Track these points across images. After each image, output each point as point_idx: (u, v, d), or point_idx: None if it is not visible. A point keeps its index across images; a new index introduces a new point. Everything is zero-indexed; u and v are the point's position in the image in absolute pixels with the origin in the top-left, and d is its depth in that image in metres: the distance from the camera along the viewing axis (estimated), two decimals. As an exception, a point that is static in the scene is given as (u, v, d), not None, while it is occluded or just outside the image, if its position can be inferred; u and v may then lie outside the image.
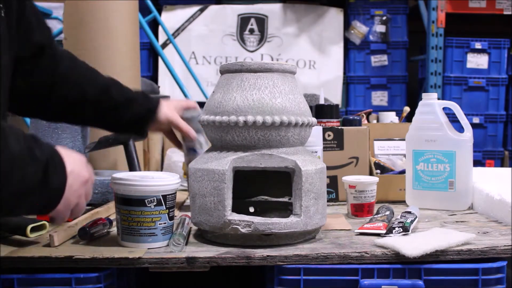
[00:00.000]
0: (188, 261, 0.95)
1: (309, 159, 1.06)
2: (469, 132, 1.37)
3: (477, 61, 3.69)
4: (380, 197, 1.40)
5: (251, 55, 3.92)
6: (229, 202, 1.01)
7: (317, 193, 1.04)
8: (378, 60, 3.90)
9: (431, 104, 1.38)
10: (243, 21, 3.92)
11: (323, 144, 1.41)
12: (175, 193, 1.03)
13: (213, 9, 3.91)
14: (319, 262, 0.96)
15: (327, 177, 1.16)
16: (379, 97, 3.90)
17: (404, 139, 1.44)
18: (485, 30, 3.81)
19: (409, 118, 1.66)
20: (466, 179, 1.35)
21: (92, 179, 0.93)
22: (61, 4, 1.75)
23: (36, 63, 1.07)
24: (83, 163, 0.90)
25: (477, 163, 3.52)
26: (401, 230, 1.06)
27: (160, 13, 3.74)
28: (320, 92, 1.77)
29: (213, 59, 3.92)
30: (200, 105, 1.58)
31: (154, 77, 3.83)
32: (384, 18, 3.86)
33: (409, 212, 1.16)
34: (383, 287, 0.95)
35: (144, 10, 2.74)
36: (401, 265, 0.97)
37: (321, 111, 1.55)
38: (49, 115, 1.16)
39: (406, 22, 3.88)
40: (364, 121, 1.84)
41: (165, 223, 1.00)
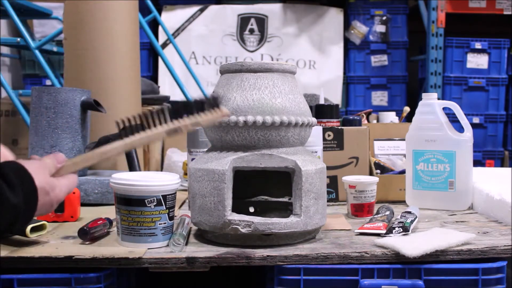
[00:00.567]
0: (188, 261, 0.95)
1: (309, 159, 1.06)
2: (469, 132, 1.37)
3: (477, 61, 3.69)
4: (380, 197, 1.41)
5: (251, 55, 3.92)
6: (229, 202, 1.01)
7: (317, 193, 1.04)
8: (378, 60, 3.90)
9: (431, 104, 1.38)
10: (243, 21, 3.92)
11: (323, 144, 1.41)
12: (175, 193, 1.03)
13: (213, 9, 3.91)
14: (319, 262, 0.96)
15: (327, 177, 1.16)
16: (379, 97, 3.90)
17: (404, 139, 1.44)
18: (485, 30, 3.81)
19: (409, 118, 1.66)
20: (466, 179, 1.35)
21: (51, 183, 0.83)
22: (61, 4, 1.75)
23: None
24: (42, 168, 0.82)
25: (477, 163, 3.52)
26: (401, 230, 1.06)
27: (160, 13, 3.74)
28: (320, 92, 1.77)
29: (213, 59, 3.92)
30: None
31: (154, 77, 3.83)
32: (384, 18, 3.86)
33: (409, 212, 1.16)
34: (383, 287, 0.95)
35: (144, 10, 2.74)
36: (401, 265, 0.97)
37: (321, 111, 1.55)
38: None
39: (406, 22, 3.88)
40: (364, 121, 1.84)
41: (165, 223, 1.00)
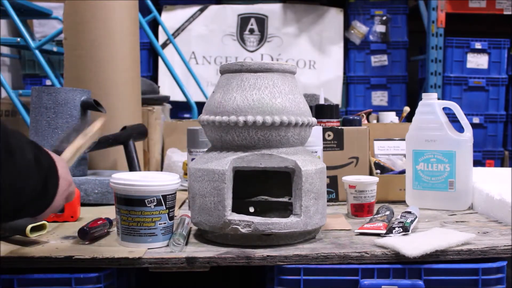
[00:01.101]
0: (188, 261, 0.95)
1: (309, 159, 1.06)
2: (469, 132, 1.37)
3: (477, 61, 3.69)
4: (380, 197, 1.41)
5: (251, 55, 3.92)
6: (229, 202, 1.01)
7: (317, 193, 1.04)
8: (378, 60, 3.90)
9: (431, 104, 1.38)
10: (243, 21, 3.92)
11: (323, 144, 1.41)
12: (175, 193, 1.03)
13: (213, 9, 3.91)
14: (319, 262, 0.96)
15: (327, 177, 1.16)
16: (379, 97, 3.90)
17: (404, 139, 1.44)
18: (485, 30, 3.81)
19: (409, 118, 1.66)
20: (466, 179, 1.35)
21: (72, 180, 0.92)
22: (61, 4, 1.75)
23: None
24: (66, 166, 0.90)
25: (477, 163, 3.52)
26: (401, 230, 1.06)
27: (160, 13, 3.75)
28: (320, 92, 1.77)
29: (213, 59, 3.92)
30: (200, 105, 1.58)
31: (154, 77, 3.83)
32: (384, 18, 3.86)
33: (409, 212, 1.16)
34: (383, 287, 0.95)
35: (144, 10, 2.74)
36: (401, 265, 0.97)
37: (321, 111, 1.55)
38: None
39: (406, 22, 3.88)
40: (364, 121, 1.84)
41: (165, 223, 1.00)
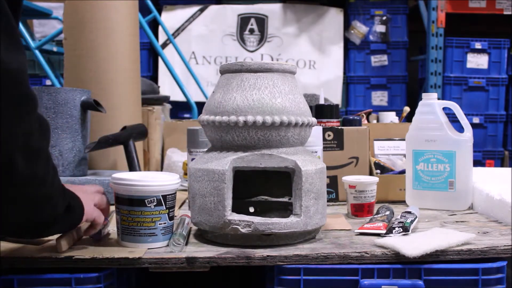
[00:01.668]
0: (188, 261, 0.95)
1: (309, 159, 1.06)
2: (469, 132, 1.37)
3: (477, 61, 3.69)
4: (380, 197, 1.41)
5: (251, 55, 3.92)
6: (229, 202, 1.01)
7: (317, 193, 1.04)
8: (378, 60, 3.90)
9: (431, 104, 1.38)
10: (243, 21, 3.92)
11: (323, 144, 1.41)
12: (175, 193, 1.03)
13: (213, 9, 3.91)
14: (319, 262, 0.96)
15: (327, 177, 1.16)
16: (379, 97, 3.90)
17: (404, 139, 1.44)
18: (485, 30, 3.81)
19: (409, 118, 1.66)
20: (466, 179, 1.35)
21: (98, 189, 1.04)
22: (61, 4, 1.75)
23: None
24: (85, 187, 1.02)
25: (477, 163, 3.52)
26: (401, 230, 1.06)
27: (160, 13, 3.75)
28: (320, 92, 1.77)
29: (213, 59, 3.92)
30: (200, 105, 1.58)
31: (154, 77, 3.83)
32: (384, 18, 3.86)
33: (409, 212, 1.16)
34: (383, 287, 0.95)
35: (144, 10, 2.74)
36: (401, 265, 0.97)
37: (321, 111, 1.55)
38: None
39: (406, 22, 3.89)
40: (364, 121, 1.84)
41: (165, 223, 1.00)
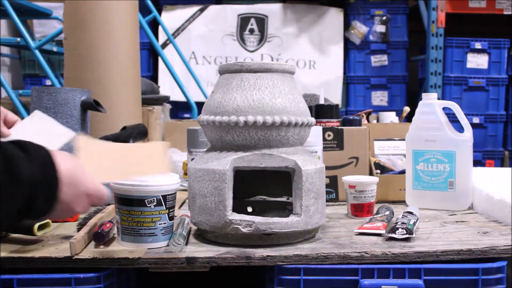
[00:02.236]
0: (188, 261, 0.95)
1: (308, 158, 1.06)
2: (469, 132, 1.37)
3: (477, 61, 3.69)
4: (380, 197, 1.41)
5: (251, 55, 3.92)
6: (229, 202, 1.01)
7: (317, 192, 1.04)
8: (378, 60, 3.90)
9: (431, 104, 1.38)
10: (243, 21, 3.92)
11: (323, 144, 1.41)
12: (175, 193, 1.03)
13: (213, 9, 3.91)
14: (319, 262, 0.96)
15: (327, 177, 1.16)
16: (379, 97, 3.90)
17: (404, 139, 1.44)
18: (485, 30, 3.81)
19: (409, 118, 1.66)
20: (466, 179, 1.35)
21: (96, 190, 0.79)
22: (61, 4, 1.75)
23: None
24: (80, 171, 0.76)
25: (477, 163, 3.52)
26: (405, 232, 1.05)
27: (160, 13, 3.75)
28: (320, 92, 1.77)
29: (213, 59, 3.92)
30: (200, 105, 1.58)
31: (154, 77, 3.83)
32: (384, 18, 3.86)
33: (411, 213, 1.16)
34: (383, 287, 0.95)
35: (144, 10, 2.74)
36: (401, 265, 0.97)
37: (321, 111, 1.55)
38: None
39: (406, 22, 3.89)
40: (364, 121, 1.84)
41: (165, 223, 1.00)
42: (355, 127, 1.53)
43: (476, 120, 3.69)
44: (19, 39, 2.74)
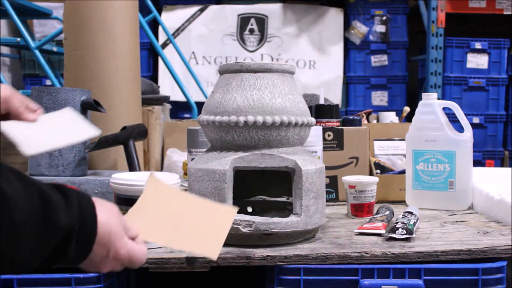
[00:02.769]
0: (188, 261, 0.95)
1: (308, 158, 1.06)
2: (469, 132, 1.37)
3: (477, 61, 3.69)
4: (380, 197, 1.41)
5: (251, 55, 3.92)
6: (230, 202, 1.01)
7: (317, 192, 1.04)
8: (378, 60, 3.90)
9: (431, 104, 1.38)
10: (243, 21, 3.92)
11: (323, 144, 1.41)
12: (175, 193, 1.03)
13: (213, 9, 3.91)
14: (319, 262, 0.96)
15: (327, 177, 1.16)
16: (379, 97, 3.90)
17: (404, 139, 1.44)
18: (485, 30, 3.81)
19: (409, 118, 1.66)
20: (466, 179, 1.35)
21: (134, 257, 0.71)
22: (61, 4, 1.75)
23: None
24: (118, 232, 0.69)
25: (477, 163, 3.52)
26: (405, 232, 1.05)
27: (160, 13, 3.75)
28: (320, 92, 1.77)
29: (213, 59, 3.92)
30: (200, 105, 1.57)
31: (154, 77, 3.83)
32: (384, 18, 3.86)
33: (411, 213, 1.16)
34: (383, 287, 0.95)
35: (144, 10, 2.74)
36: (401, 265, 0.97)
37: (321, 111, 1.55)
38: None
39: (406, 22, 3.89)
40: (364, 121, 1.84)
41: (165, 223, 1.00)
42: (355, 127, 1.53)
43: (476, 120, 3.69)
44: (19, 39, 2.74)
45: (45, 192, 0.62)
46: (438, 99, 1.42)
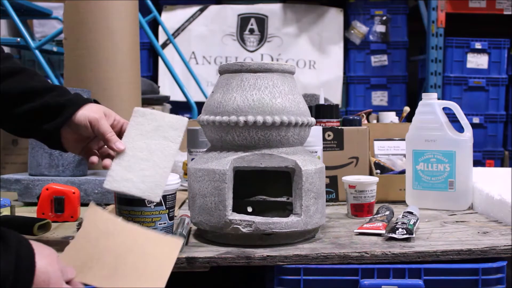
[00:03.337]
0: (188, 261, 0.95)
1: (308, 158, 1.06)
2: (469, 132, 1.37)
3: (477, 61, 3.69)
4: (380, 197, 1.41)
5: (251, 55, 3.92)
6: (230, 202, 1.01)
7: (317, 192, 1.04)
8: (378, 60, 3.90)
9: (431, 104, 1.38)
10: (243, 21, 3.92)
11: (323, 144, 1.41)
12: (175, 193, 1.03)
13: (213, 9, 3.91)
14: (319, 262, 0.96)
15: (327, 177, 1.16)
16: (379, 97, 3.90)
17: (404, 139, 1.44)
18: (485, 30, 3.81)
19: (409, 118, 1.66)
20: (466, 179, 1.35)
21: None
22: (61, 4, 1.75)
23: None
24: (55, 278, 0.69)
25: (477, 163, 3.52)
26: (405, 232, 1.05)
27: (160, 13, 3.75)
28: (320, 92, 1.77)
29: (213, 59, 3.92)
30: (200, 105, 1.58)
31: (154, 77, 3.83)
32: (384, 18, 3.86)
33: (411, 213, 1.16)
34: (383, 287, 0.95)
35: (144, 10, 2.74)
36: (401, 265, 0.97)
37: (321, 111, 1.55)
38: None
39: (406, 22, 3.89)
40: (364, 121, 1.84)
41: (165, 223, 1.00)
42: (355, 127, 1.53)
43: (476, 120, 3.69)
44: (19, 39, 2.74)
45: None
46: (438, 99, 1.42)
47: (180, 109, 3.63)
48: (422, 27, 3.71)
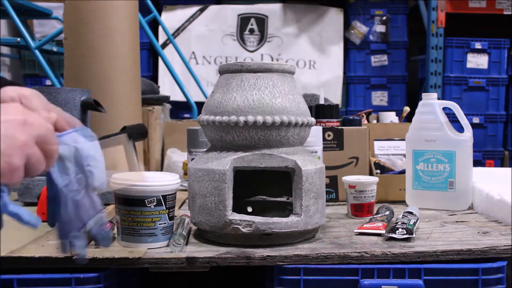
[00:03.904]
0: (188, 261, 0.95)
1: (308, 158, 1.06)
2: (469, 132, 1.37)
3: (477, 61, 3.69)
4: (380, 197, 1.41)
5: (251, 55, 3.92)
6: (230, 202, 1.01)
7: (317, 192, 1.04)
8: (378, 60, 3.90)
9: (431, 104, 1.38)
10: (243, 21, 3.92)
11: (323, 144, 1.41)
12: (175, 193, 1.03)
13: (213, 9, 3.91)
14: (319, 262, 0.96)
15: (327, 177, 1.16)
16: (379, 97, 3.90)
17: (404, 139, 1.44)
18: (485, 30, 3.81)
19: (409, 118, 1.66)
20: (466, 179, 1.35)
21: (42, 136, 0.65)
22: (61, 4, 1.75)
23: None
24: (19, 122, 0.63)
25: (477, 163, 3.52)
26: (405, 232, 1.05)
27: (160, 13, 3.75)
28: (320, 92, 1.78)
29: (213, 59, 3.92)
30: (200, 105, 1.58)
31: (154, 77, 3.83)
32: (384, 18, 3.86)
33: (411, 213, 1.16)
34: (383, 287, 0.95)
35: (144, 10, 2.74)
36: (401, 265, 0.97)
37: (321, 111, 1.55)
38: None
39: (406, 22, 3.89)
40: (364, 121, 1.84)
41: (165, 223, 1.00)
42: (355, 127, 1.53)
43: (476, 120, 3.69)
44: (19, 39, 2.74)
45: None
46: (438, 99, 1.42)
47: (180, 109, 3.63)
48: (422, 27, 3.71)
